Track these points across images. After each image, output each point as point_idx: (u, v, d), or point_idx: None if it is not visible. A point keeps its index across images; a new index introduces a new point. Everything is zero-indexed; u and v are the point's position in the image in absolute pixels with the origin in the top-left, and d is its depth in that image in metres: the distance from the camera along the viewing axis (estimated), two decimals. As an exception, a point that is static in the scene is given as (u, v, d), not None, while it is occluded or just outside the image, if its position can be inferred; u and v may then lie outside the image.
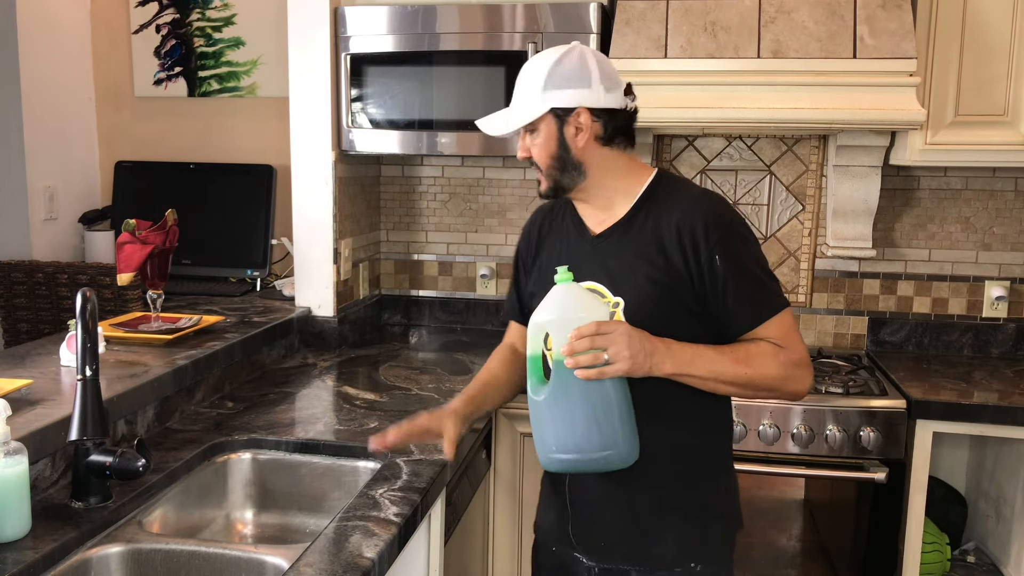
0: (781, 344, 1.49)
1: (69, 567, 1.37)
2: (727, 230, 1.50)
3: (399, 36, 2.55)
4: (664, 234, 1.51)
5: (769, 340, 1.49)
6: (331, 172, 2.60)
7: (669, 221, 1.51)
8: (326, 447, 1.84)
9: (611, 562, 1.60)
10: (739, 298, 1.49)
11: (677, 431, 1.54)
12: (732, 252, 1.49)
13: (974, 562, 2.58)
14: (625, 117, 1.56)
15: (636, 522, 1.57)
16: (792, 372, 1.49)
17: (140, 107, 3.27)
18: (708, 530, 1.59)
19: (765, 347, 1.49)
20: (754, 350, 1.49)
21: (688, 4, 2.42)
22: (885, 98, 2.30)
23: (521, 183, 2.96)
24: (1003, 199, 2.73)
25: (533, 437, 1.50)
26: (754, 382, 1.48)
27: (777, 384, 1.50)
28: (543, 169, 1.57)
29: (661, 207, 1.54)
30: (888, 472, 2.24)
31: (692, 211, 1.51)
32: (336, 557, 1.33)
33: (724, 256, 1.48)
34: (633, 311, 1.51)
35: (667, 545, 1.56)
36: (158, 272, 2.18)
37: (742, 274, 1.49)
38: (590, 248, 1.59)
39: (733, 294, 1.48)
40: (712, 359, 1.47)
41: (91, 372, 1.47)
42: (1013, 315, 2.75)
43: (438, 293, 3.06)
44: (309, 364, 2.48)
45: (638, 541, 1.57)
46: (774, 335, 1.49)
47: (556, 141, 1.54)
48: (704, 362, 1.46)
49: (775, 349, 1.48)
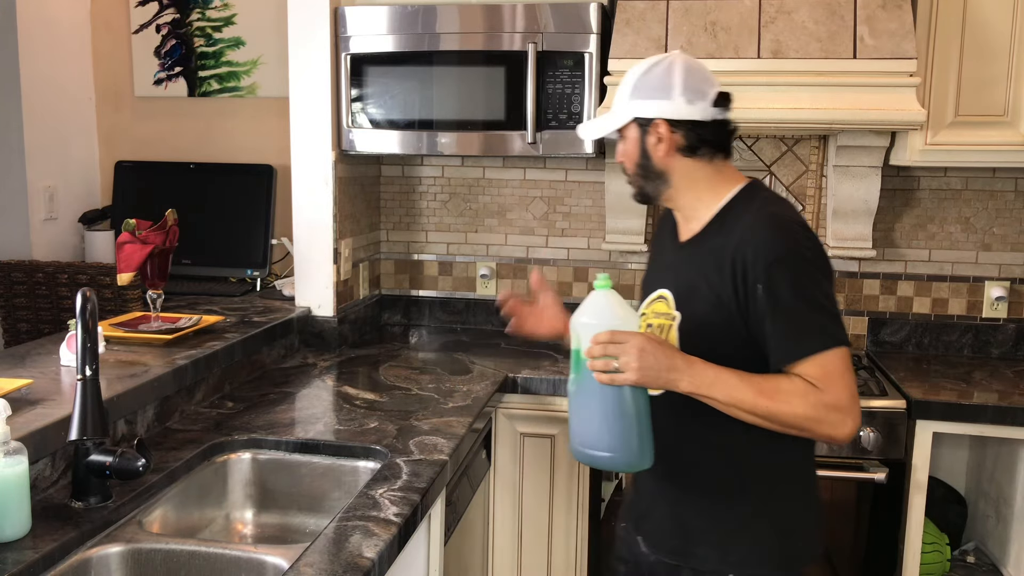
0: (818, 384, 1.41)
1: (69, 567, 1.37)
2: (779, 259, 1.44)
3: (399, 36, 2.55)
4: (723, 254, 1.49)
5: (805, 377, 1.42)
6: (331, 172, 2.60)
7: (729, 241, 1.49)
8: (326, 447, 1.84)
9: (662, 553, 1.62)
10: (777, 331, 1.44)
11: (731, 442, 1.52)
12: (778, 282, 1.43)
13: (974, 562, 2.58)
14: (713, 128, 1.55)
15: (682, 521, 1.59)
16: (824, 415, 1.41)
17: (140, 107, 3.26)
18: (754, 544, 1.54)
19: (797, 384, 1.42)
20: (784, 385, 1.43)
21: (688, 4, 2.42)
22: (885, 98, 2.30)
23: (521, 183, 2.96)
24: (1003, 199, 2.73)
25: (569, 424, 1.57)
26: (776, 417, 1.43)
27: (805, 424, 1.43)
28: (629, 175, 1.62)
29: (730, 226, 1.52)
30: (888, 472, 2.24)
31: (750, 234, 1.47)
32: (336, 557, 1.33)
33: (769, 285, 1.43)
34: (688, 328, 1.53)
35: (711, 549, 1.56)
36: (158, 272, 2.18)
37: (785, 306, 1.44)
38: (673, 255, 1.64)
39: (772, 326, 1.44)
40: (733, 385, 1.43)
41: (91, 372, 1.47)
42: (1013, 315, 2.75)
43: (438, 293, 3.06)
44: (309, 364, 2.48)
45: (685, 538, 1.59)
46: (811, 373, 1.42)
47: (639, 149, 1.58)
48: (724, 387, 1.43)
49: (807, 388, 1.41)
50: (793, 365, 1.43)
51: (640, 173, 1.59)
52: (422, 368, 2.48)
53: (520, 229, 2.98)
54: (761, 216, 1.50)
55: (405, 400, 2.15)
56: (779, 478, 1.56)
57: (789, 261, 1.45)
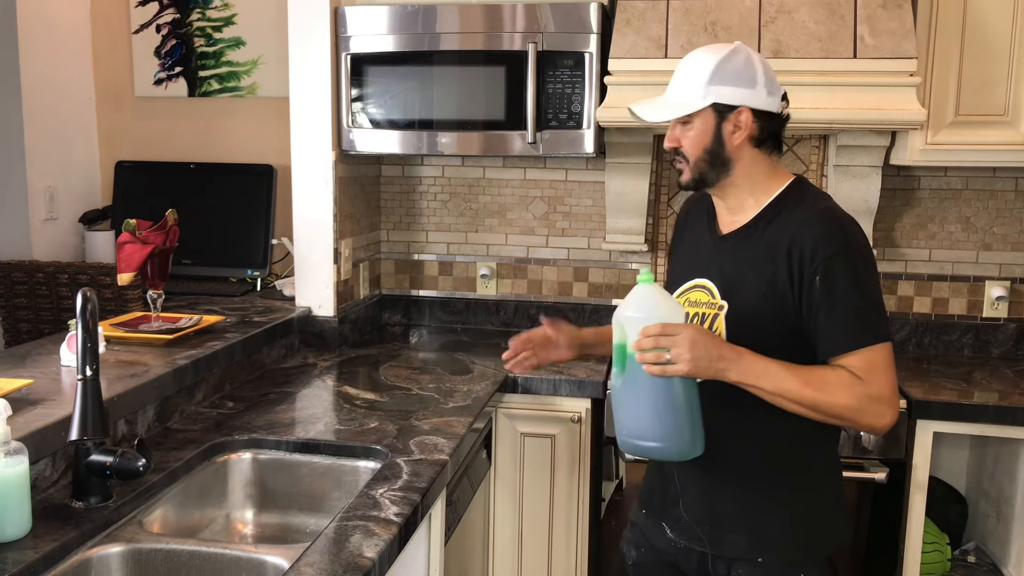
0: (862, 376, 1.47)
1: (69, 567, 1.37)
2: (836, 253, 1.49)
3: (399, 36, 2.55)
4: (778, 247, 1.53)
5: (850, 369, 1.48)
6: (331, 172, 2.60)
7: (784, 234, 1.53)
8: (326, 447, 1.84)
9: (692, 540, 1.64)
10: (829, 323, 1.49)
11: (762, 431, 1.56)
12: (834, 275, 1.48)
13: (974, 562, 2.58)
14: (779, 122, 1.60)
15: (714, 509, 1.62)
16: (868, 407, 1.47)
17: (140, 107, 3.26)
18: (783, 529, 1.59)
19: (842, 375, 1.48)
20: (830, 377, 1.48)
21: (688, 4, 2.42)
22: (885, 98, 2.30)
23: (521, 183, 2.96)
24: (1003, 199, 2.73)
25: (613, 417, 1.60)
26: (820, 408, 1.48)
27: (849, 415, 1.48)
28: (691, 161, 1.59)
29: (783, 218, 1.56)
30: (888, 472, 2.24)
31: (808, 227, 1.52)
32: (336, 557, 1.33)
33: (825, 278, 1.48)
34: (735, 318, 1.55)
35: (740, 535, 1.59)
36: (158, 272, 2.18)
37: (839, 299, 1.48)
38: (713, 247, 1.64)
39: (825, 317, 1.49)
40: (782, 377, 1.47)
41: (91, 372, 1.47)
42: (1013, 315, 2.75)
43: (438, 293, 3.06)
44: (309, 364, 2.48)
45: (716, 525, 1.61)
46: (857, 366, 1.48)
47: (712, 135, 1.57)
48: (772, 378, 1.47)
49: (852, 379, 1.47)
50: (841, 357, 1.48)
51: (707, 159, 1.58)
52: (422, 368, 2.48)
53: (520, 229, 2.98)
54: (817, 211, 1.55)
55: (405, 400, 2.15)
56: (808, 468, 1.61)
57: (845, 256, 1.50)
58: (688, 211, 1.80)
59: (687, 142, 1.59)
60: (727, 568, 1.61)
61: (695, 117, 1.57)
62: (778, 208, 1.58)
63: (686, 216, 1.80)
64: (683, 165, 1.61)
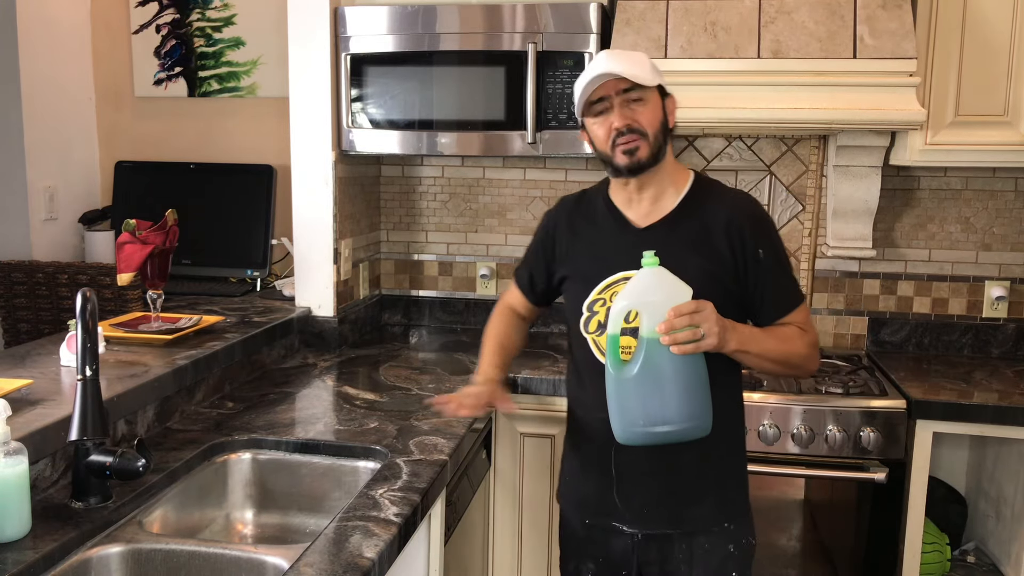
0: (804, 328, 1.68)
1: (69, 567, 1.37)
2: (767, 227, 1.71)
3: (399, 36, 2.55)
4: (713, 228, 1.66)
5: (796, 324, 1.68)
6: (331, 172, 2.60)
7: (716, 217, 1.67)
8: (326, 447, 1.84)
9: (653, 527, 1.71)
10: (777, 287, 1.68)
11: (718, 401, 1.61)
12: (771, 247, 1.68)
13: (974, 562, 2.58)
14: None
15: (679, 487, 1.69)
16: (812, 352, 1.68)
17: (140, 107, 3.27)
18: (738, 493, 1.75)
19: (794, 330, 1.67)
20: (788, 332, 1.67)
21: (688, 4, 2.42)
22: (885, 98, 2.30)
23: (521, 183, 2.96)
24: (1003, 199, 2.73)
25: (611, 413, 1.58)
26: (790, 360, 1.65)
27: (803, 362, 1.67)
28: (651, 136, 1.64)
29: (706, 204, 1.70)
30: (888, 472, 2.23)
31: (738, 208, 1.69)
32: (336, 557, 1.33)
33: (767, 250, 1.67)
34: None
35: (705, 507, 1.70)
36: (158, 272, 2.18)
37: (779, 267, 1.69)
38: (636, 240, 1.68)
39: (773, 284, 1.68)
40: (762, 339, 1.63)
41: (91, 372, 1.47)
42: (1013, 315, 2.75)
43: (438, 293, 3.06)
44: (309, 364, 2.48)
45: (679, 504, 1.69)
46: (800, 320, 1.69)
47: (662, 112, 1.67)
48: (757, 342, 1.61)
49: (800, 332, 1.67)
50: (787, 315, 1.69)
51: (661, 136, 1.66)
52: (422, 368, 2.48)
53: (520, 229, 2.98)
54: (736, 193, 1.78)
55: (405, 400, 2.15)
56: (737, 438, 1.77)
57: (773, 229, 1.74)
58: (570, 214, 1.82)
59: (646, 117, 1.63)
60: (688, 544, 1.70)
61: (649, 94, 1.64)
62: (698, 195, 1.71)
63: (571, 219, 1.81)
64: (639, 142, 1.63)
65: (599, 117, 1.66)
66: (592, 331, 1.71)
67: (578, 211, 1.81)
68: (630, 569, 1.75)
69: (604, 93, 1.63)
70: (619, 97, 1.62)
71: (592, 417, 1.73)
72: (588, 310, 1.72)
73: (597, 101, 1.64)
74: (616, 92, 1.62)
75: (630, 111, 1.63)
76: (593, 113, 1.66)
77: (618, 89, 1.62)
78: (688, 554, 1.71)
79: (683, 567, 1.71)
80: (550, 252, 1.84)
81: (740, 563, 1.73)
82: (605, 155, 1.68)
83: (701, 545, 1.71)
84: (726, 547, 1.72)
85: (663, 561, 1.72)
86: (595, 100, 1.64)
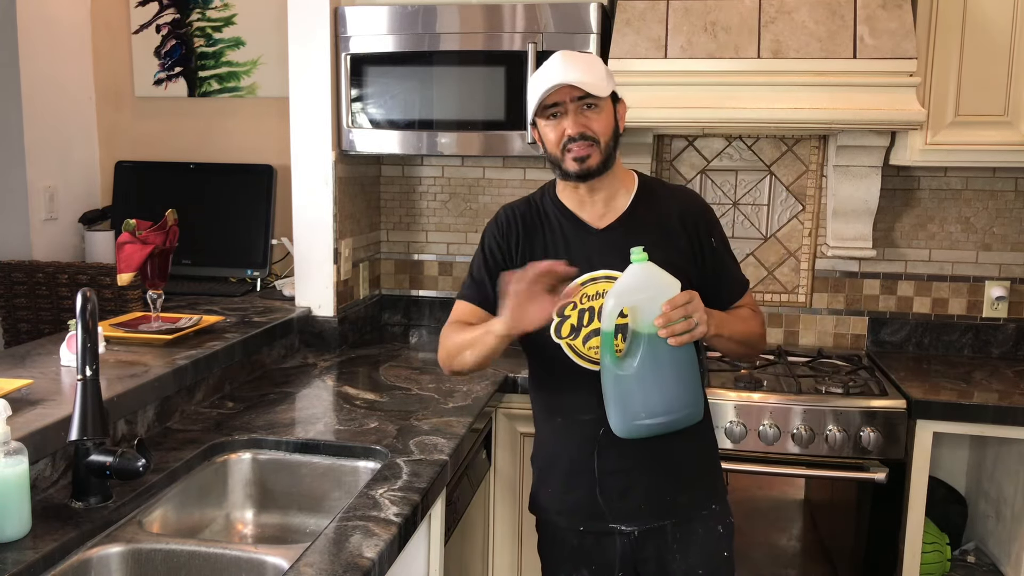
0: (754, 310, 1.80)
1: (69, 567, 1.37)
2: (713, 217, 1.80)
3: (399, 36, 2.55)
4: (668, 222, 1.72)
5: (749, 307, 1.80)
6: (331, 172, 2.60)
7: (670, 211, 1.74)
8: (326, 447, 1.84)
9: (649, 521, 1.72)
10: (728, 273, 1.78)
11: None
12: (720, 236, 1.78)
13: (974, 562, 2.58)
14: None
15: (669, 476, 1.71)
16: (765, 331, 1.82)
17: (140, 107, 3.27)
18: (718, 474, 1.82)
19: (747, 311, 1.79)
20: (745, 314, 1.77)
21: (688, 4, 2.42)
22: (885, 98, 2.30)
23: (521, 183, 2.96)
24: (1003, 199, 2.73)
25: (611, 410, 1.59)
26: (750, 340, 1.75)
27: (760, 341, 1.80)
28: (602, 143, 1.66)
29: (657, 201, 1.76)
30: (888, 472, 2.24)
31: (686, 202, 1.79)
32: (336, 557, 1.33)
33: (717, 239, 1.76)
34: None
35: (693, 492, 1.74)
36: (158, 272, 2.18)
37: (728, 254, 1.79)
38: (597, 241, 1.71)
39: (725, 271, 1.77)
40: (732, 323, 1.69)
41: (91, 372, 1.47)
42: (1013, 315, 2.75)
43: (438, 293, 3.06)
44: (309, 364, 2.48)
45: (672, 493, 1.72)
46: (750, 303, 1.81)
47: (614, 119, 1.69)
48: (728, 325, 1.66)
49: (753, 313, 1.79)
50: (741, 299, 1.79)
51: (613, 143, 1.68)
52: (422, 368, 2.48)
53: (520, 229, 2.97)
54: (681, 189, 1.89)
55: (405, 400, 2.15)
56: (708, 418, 1.79)
57: (718, 220, 1.81)
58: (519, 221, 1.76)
59: (599, 125, 1.65)
60: (683, 532, 1.72)
61: (603, 101, 1.66)
62: (646, 193, 1.76)
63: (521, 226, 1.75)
64: (591, 149, 1.64)
65: (552, 120, 1.66)
66: (565, 336, 1.69)
67: (529, 216, 1.78)
68: (627, 570, 1.75)
69: (559, 99, 1.63)
70: (573, 104, 1.63)
71: (572, 420, 1.72)
72: (557, 315, 1.62)
73: (551, 105, 1.64)
74: (571, 99, 1.63)
75: (584, 118, 1.64)
76: (546, 116, 1.66)
77: (572, 96, 1.62)
78: (684, 543, 1.73)
79: (679, 556, 1.73)
80: (497, 259, 1.76)
81: (728, 542, 1.78)
82: (555, 158, 1.68)
83: (695, 531, 1.73)
84: (716, 528, 1.75)
85: (660, 555, 1.73)
86: (549, 104, 1.64)
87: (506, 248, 1.77)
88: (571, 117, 1.63)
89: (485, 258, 1.79)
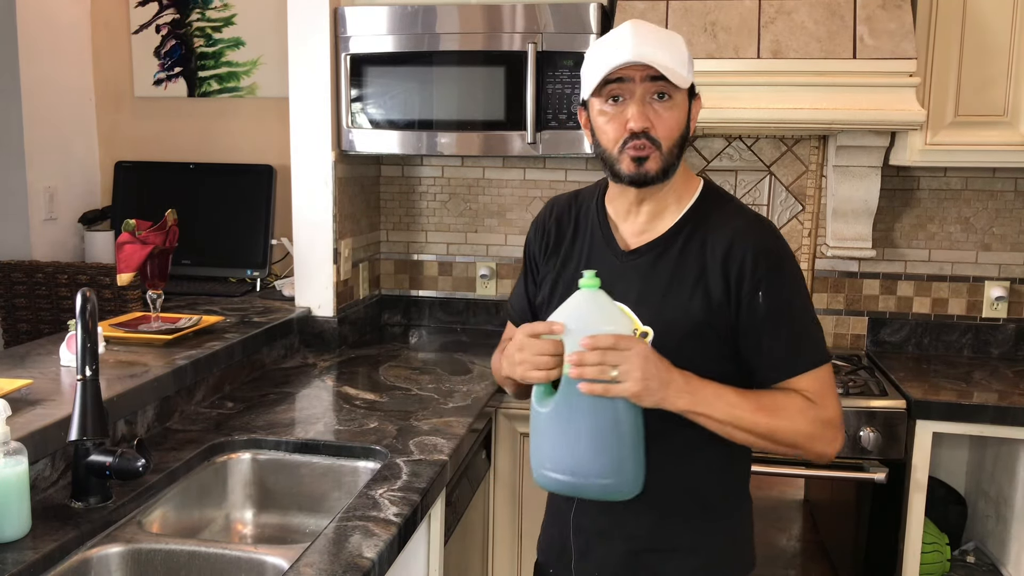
0: (814, 399, 1.34)
1: (69, 567, 1.37)
2: (777, 266, 1.35)
3: (399, 36, 2.55)
4: (708, 261, 1.36)
5: (802, 393, 1.34)
6: (331, 172, 2.60)
7: (715, 247, 1.36)
8: (326, 447, 1.84)
9: None
10: (777, 344, 1.34)
11: (688, 470, 1.41)
12: (777, 291, 1.34)
13: (974, 562, 2.58)
14: None
15: (636, 558, 1.43)
16: (821, 432, 1.34)
17: (140, 107, 3.27)
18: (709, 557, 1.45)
19: (796, 400, 1.33)
20: (782, 401, 1.33)
21: (688, 4, 2.42)
22: (885, 98, 2.30)
23: (521, 183, 2.96)
24: (1003, 199, 2.73)
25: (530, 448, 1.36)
26: (775, 435, 1.32)
27: (801, 441, 1.34)
28: (665, 148, 1.34)
29: (707, 228, 1.38)
30: (888, 472, 2.24)
31: (742, 239, 1.35)
32: (336, 557, 1.33)
33: (768, 294, 1.33)
34: (662, 343, 1.33)
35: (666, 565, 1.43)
36: (158, 272, 2.18)
37: (785, 318, 1.34)
38: (619, 264, 1.41)
39: (771, 338, 1.34)
40: (733, 403, 1.30)
41: (91, 372, 1.47)
42: (1013, 315, 2.75)
43: (438, 293, 3.06)
44: (309, 364, 2.48)
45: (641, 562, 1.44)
46: (808, 388, 1.34)
47: (685, 120, 1.37)
48: (723, 404, 1.30)
49: (806, 403, 1.33)
50: (791, 380, 1.35)
51: (678, 148, 1.36)
52: (422, 368, 2.48)
53: (520, 229, 2.98)
54: (750, 218, 1.40)
55: (405, 400, 2.15)
56: (729, 501, 1.47)
57: (786, 269, 1.36)
58: (558, 221, 1.53)
59: (666, 124, 1.34)
60: None
61: (679, 94, 1.34)
62: (701, 213, 1.40)
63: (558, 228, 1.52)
64: (651, 151, 1.33)
65: (612, 105, 1.34)
66: None
67: (567, 218, 1.52)
68: None
69: (628, 75, 1.31)
70: (643, 86, 1.32)
71: None
72: None
73: (616, 80, 1.32)
74: (642, 79, 1.31)
75: (652, 111, 1.33)
76: (606, 96, 1.34)
77: (645, 76, 1.31)
78: None
79: None
80: (535, 269, 1.57)
81: None
82: (609, 156, 1.36)
83: None
84: None
85: None
86: (614, 79, 1.32)
87: (538, 253, 1.55)
88: (637, 106, 1.32)
89: (525, 263, 1.60)
